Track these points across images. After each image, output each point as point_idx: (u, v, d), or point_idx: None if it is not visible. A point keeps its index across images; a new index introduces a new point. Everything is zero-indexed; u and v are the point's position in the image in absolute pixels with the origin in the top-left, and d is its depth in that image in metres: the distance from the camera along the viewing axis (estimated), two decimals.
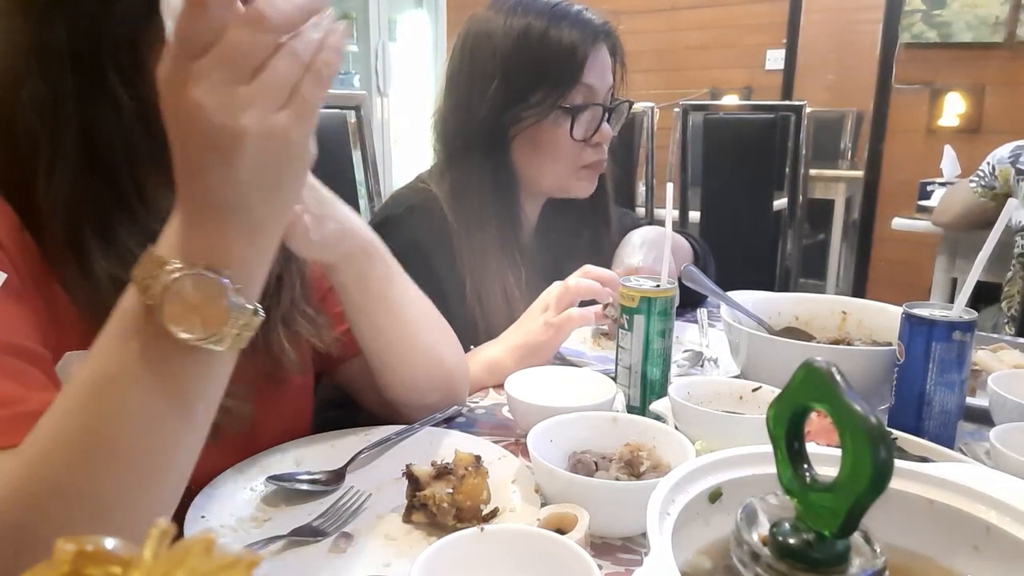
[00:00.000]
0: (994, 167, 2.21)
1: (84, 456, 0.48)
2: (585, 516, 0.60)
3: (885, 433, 0.32)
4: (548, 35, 1.09)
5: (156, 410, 0.49)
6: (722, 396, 0.81)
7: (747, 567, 0.36)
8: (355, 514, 0.67)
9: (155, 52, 0.55)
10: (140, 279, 0.48)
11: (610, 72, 1.17)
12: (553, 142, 1.14)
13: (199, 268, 0.47)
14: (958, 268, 2.64)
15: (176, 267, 0.47)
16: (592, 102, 1.14)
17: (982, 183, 2.25)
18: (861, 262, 3.42)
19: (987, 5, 3.65)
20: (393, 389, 0.84)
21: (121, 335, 0.49)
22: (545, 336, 1.00)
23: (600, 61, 1.14)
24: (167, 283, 0.46)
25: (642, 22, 4.82)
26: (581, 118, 1.14)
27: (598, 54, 1.13)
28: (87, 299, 0.59)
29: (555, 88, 1.10)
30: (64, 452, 0.48)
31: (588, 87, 1.13)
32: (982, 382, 0.89)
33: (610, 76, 1.17)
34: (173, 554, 0.21)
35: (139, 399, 0.48)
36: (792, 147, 2.29)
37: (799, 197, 2.32)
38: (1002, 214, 0.78)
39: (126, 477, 0.50)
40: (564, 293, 1.02)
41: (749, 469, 0.45)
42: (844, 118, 4.37)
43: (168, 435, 0.50)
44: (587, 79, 1.12)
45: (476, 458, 0.67)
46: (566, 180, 1.19)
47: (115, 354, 0.49)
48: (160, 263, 0.47)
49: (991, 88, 3.72)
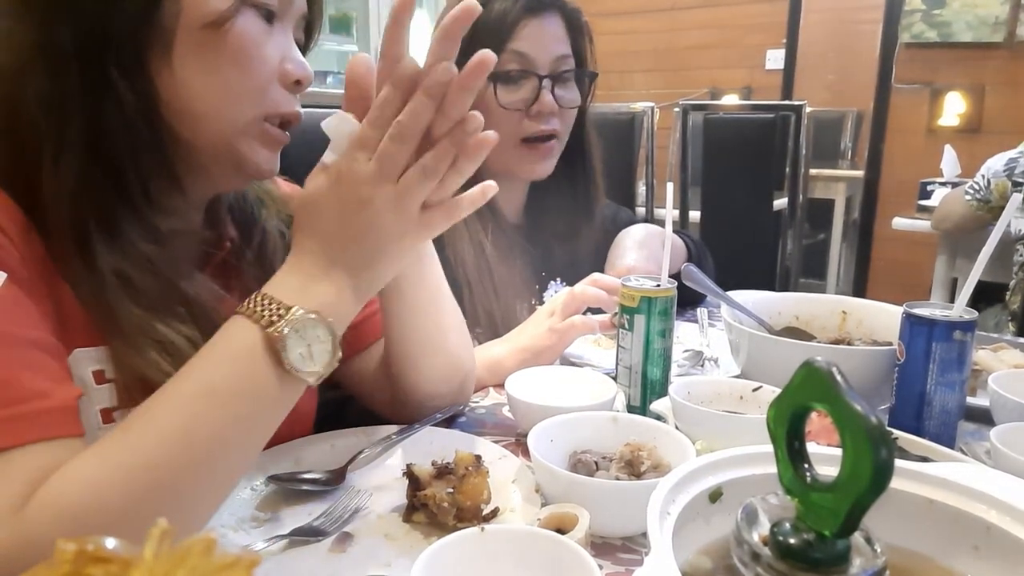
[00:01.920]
0: (989, 180, 2.19)
1: (192, 451, 0.54)
2: (585, 516, 0.60)
3: (885, 433, 0.32)
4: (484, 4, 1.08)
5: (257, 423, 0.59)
6: (722, 396, 0.81)
7: (747, 567, 0.36)
8: (355, 514, 0.67)
9: (156, 50, 0.60)
10: (255, 313, 0.58)
11: (561, 43, 1.14)
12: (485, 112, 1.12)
13: (318, 316, 0.59)
14: (958, 268, 2.64)
15: (300, 313, 0.58)
16: (526, 70, 1.11)
17: (977, 196, 2.23)
18: (861, 262, 3.43)
19: (987, 5, 3.65)
20: (411, 388, 0.84)
21: (237, 358, 0.57)
22: (548, 341, 1.00)
23: (540, 30, 1.11)
24: (291, 324, 0.57)
25: (642, 22, 4.82)
26: (510, 86, 1.11)
27: (539, 22, 1.11)
28: (91, 294, 0.60)
29: None
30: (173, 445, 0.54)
31: (520, 55, 1.11)
32: (982, 382, 0.89)
33: (560, 47, 1.14)
34: (173, 554, 0.21)
35: (247, 412, 0.57)
36: (792, 147, 2.29)
37: (799, 197, 2.33)
38: (1004, 213, 0.78)
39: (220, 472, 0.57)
40: (570, 300, 1.02)
41: (749, 469, 0.45)
42: (844, 118, 4.37)
43: (257, 444, 0.60)
44: (517, 46, 1.10)
45: (476, 458, 0.67)
46: (508, 156, 1.15)
47: (229, 371, 0.57)
48: (280, 306, 0.58)
49: (991, 88, 3.72)
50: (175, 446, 0.54)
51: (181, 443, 0.54)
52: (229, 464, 0.58)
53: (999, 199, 2.16)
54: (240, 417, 0.57)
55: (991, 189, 2.18)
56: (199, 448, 0.55)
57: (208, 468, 0.56)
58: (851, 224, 4.11)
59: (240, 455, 0.59)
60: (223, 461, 0.57)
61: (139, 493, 0.52)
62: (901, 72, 3.75)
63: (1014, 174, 2.12)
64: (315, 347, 0.59)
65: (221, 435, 0.56)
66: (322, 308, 0.59)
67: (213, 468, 0.56)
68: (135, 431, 0.54)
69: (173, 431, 0.54)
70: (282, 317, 0.57)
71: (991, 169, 2.19)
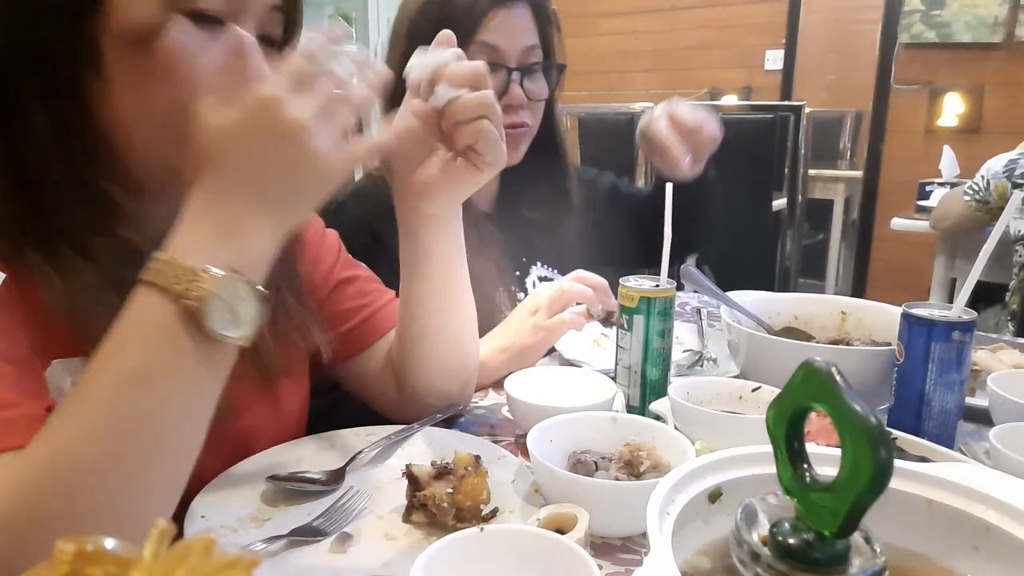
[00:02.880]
0: (989, 181, 2.18)
1: (124, 443, 0.51)
2: (585, 516, 0.60)
3: (885, 433, 0.32)
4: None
5: (191, 400, 0.53)
6: (722, 396, 0.81)
7: (747, 567, 0.36)
8: (355, 514, 0.67)
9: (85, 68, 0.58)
10: (168, 285, 0.51)
11: (529, 34, 1.14)
12: None
13: (235, 274, 0.52)
14: (958, 268, 2.64)
15: (214, 274, 0.51)
16: (495, 63, 1.10)
17: (976, 196, 2.22)
18: (860, 262, 3.43)
19: (986, 5, 3.65)
20: (416, 380, 0.85)
21: (154, 335, 0.51)
22: (535, 339, 0.99)
23: (508, 22, 1.11)
24: (207, 287, 0.51)
25: (642, 22, 4.82)
26: None
27: (507, 13, 1.10)
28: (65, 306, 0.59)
29: None
30: (102, 441, 0.50)
31: (489, 47, 1.10)
32: (982, 382, 0.89)
33: (528, 38, 1.13)
34: (173, 554, 0.21)
35: (177, 391, 0.52)
36: (791, 147, 2.30)
37: (798, 197, 2.33)
38: (1003, 213, 0.78)
39: (160, 460, 0.53)
40: (558, 297, 1.01)
41: (749, 469, 0.45)
42: (843, 118, 4.37)
43: (198, 422, 0.55)
44: (485, 37, 1.09)
45: (476, 458, 0.67)
46: None
47: (147, 351, 0.51)
48: (192, 271, 0.51)
49: (990, 88, 3.72)
50: (102, 442, 0.50)
51: (108, 438, 0.50)
52: (170, 449, 0.53)
53: (998, 200, 2.16)
54: (169, 398, 0.52)
55: (990, 190, 2.17)
56: (130, 440, 0.51)
57: (146, 458, 0.52)
58: (850, 224, 4.10)
59: (179, 437, 0.54)
60: (162, 447, 0.53)
61: (68, 495, 0.49)
62: (900, 72, 3.74)
63: (1014, 175, 2.11)
64: (239, 308, 0.53)
65: (152, 422, 0.52)
66: (241, 262, 0.53)
67: (152, 458, 0.52)
68: (58, 431, 0.51)
69: (97, 426, 0.50)
70: (196, 282, 0.51)
71: (991, 170, 2.18)
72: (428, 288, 0.81)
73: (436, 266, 0.81)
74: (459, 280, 0.84)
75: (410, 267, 0.81)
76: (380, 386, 0.88)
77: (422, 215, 0.78)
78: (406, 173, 0.76)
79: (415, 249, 0.80)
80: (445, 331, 0.84)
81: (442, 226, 0.80)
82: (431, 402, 0.86)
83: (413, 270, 0.81)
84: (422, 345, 0.84)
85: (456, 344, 0.86)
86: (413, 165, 0.75)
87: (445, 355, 0.85)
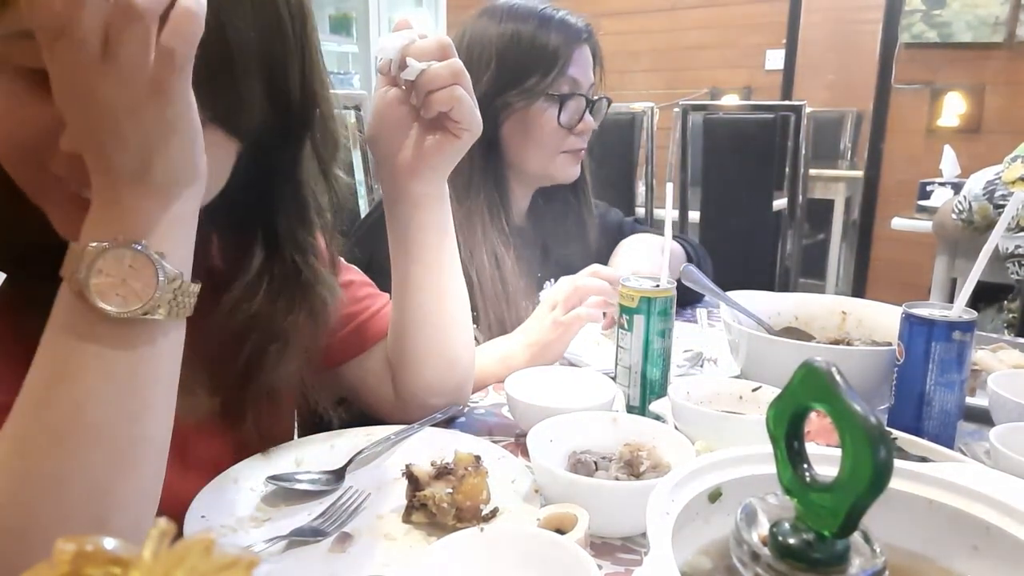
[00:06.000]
0: (971, 204, 2.17)
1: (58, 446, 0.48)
2: (585, 516, 0.60)
3: (885, 433, 0.32)
4: (537, 35, 1.21)
5: (114, 391, 0.50)
6: (722, 396, 0.81)
7: (747, 567, 0.36)
8: (355, 514, 0.67)
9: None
10: (67, 273, 0.48)
11: (591, 70, 1.27)
12: (540, 127, 1.23)
13: (115, 242, 0.48)
14: (958, 268, 2.64)
15: (92, 247, 0.47)
16: (575, 92, 1.24)
17: (962, 217, 2.21)
18: (861, 262, 3.43)
19: (987, 5, 3.65)
20: (413, 380, 0.85)
21: (62, 328, 0.49)
22: (554, 334, 1.01)
23: (583, 58, 1.25)
24: (88, 264, 0.47)
25: (642, 22, 4.82)
26: (567, 106, 1.23)
27: (581, 52, 1.24)
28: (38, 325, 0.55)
29: (544, 77, 1.20)
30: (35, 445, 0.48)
31: (572, 80, 1.23)
32: (982, 382, 0.89)
33: (591, 74, 1.27)
34: (173, 554, 0.21)
35: (95, 384, 0.49)
36: (792, 147, 2.29)
37: (799, 197, 2.32)
38: (1006, 210, 0.78)
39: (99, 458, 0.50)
40: (573, 292, 1.03)
41: (749, 469, 0.45)
42: (844, 118, 4.37)
43: (132, 412, 0.51)
44: (571, 72, 1.22)
45: (476, 458, 0.67)
46: (550, 164, 1.27)
47: (60, 347, 0.49)
48: (76, 252, 0.48)
49: (991, 88, 3.72)
50: (41, 448, 0.48)
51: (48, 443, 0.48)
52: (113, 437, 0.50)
53: (982, 221, 2.15)
54: (96, 391, 0.49)
55: (974, 212, 2.17)
56: (72, 442, 0.48)
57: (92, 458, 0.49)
58: (851, 224, 4.11)
59: (120, 423, 0.50)
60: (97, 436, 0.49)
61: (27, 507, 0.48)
62: (901, 72, 3.75)
63: (994, 197, 2.09)
64: (132, 281, 0.48)
65: (88, 419, 0.49)
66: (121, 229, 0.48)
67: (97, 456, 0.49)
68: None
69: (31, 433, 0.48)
70: (79, 261, 0.48)
71: (971, 192, 2.16)
72: (423, 271, 0.83)
73: (430, 245, 0.82)
74: (453, 264, 0.85)
75: (403, 251, 0.83)
76: (377, 390, 0.88)
77: (412, 196, 0.81)
78: (391, 157, 0.80)
79: (407, 233, 0.82)
80: (442, 317, 0.85)
81: (432, 204, 0.82)
82: (429, 402, 0.86)
83: (407, 255, 0.82)
84: (418, 335, 0.84)
85: (453, 330, 0.86)
86: (396, 149, 0.80)
87: (442, 344, 0.85)
